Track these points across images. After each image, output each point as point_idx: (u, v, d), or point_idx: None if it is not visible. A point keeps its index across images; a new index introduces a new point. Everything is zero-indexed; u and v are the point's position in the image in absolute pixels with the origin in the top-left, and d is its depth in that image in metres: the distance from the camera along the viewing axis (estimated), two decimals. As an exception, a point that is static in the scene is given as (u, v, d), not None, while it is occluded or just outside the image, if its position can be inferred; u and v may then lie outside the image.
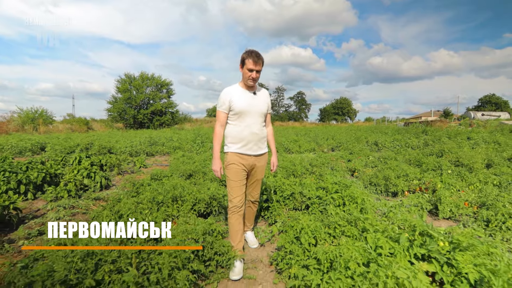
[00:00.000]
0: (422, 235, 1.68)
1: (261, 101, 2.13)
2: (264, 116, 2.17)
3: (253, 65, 1.96)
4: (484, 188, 3.22)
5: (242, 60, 2.00)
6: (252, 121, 2.07)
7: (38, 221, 3.15)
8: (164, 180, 3.89)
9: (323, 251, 1.62)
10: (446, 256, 1.51)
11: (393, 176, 3.80)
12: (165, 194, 3.00)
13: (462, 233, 1.61)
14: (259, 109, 2.10)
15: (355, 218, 2.06)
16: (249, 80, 2.01)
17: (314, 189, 2.89)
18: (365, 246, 1.61)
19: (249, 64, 1.96)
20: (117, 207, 2.74)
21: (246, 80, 2.02)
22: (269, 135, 2.30)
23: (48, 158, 6.72)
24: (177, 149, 9.51)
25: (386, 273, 1.27)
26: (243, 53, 2.02)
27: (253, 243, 2.44)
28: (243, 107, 2.04)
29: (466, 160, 4.78)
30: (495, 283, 1.32)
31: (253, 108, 2.07)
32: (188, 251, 1.65)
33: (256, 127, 2.09)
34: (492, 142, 8.26)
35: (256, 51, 2.00)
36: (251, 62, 1.95)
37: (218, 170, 2.06)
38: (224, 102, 2.06)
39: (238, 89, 2.09)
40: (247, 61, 1.97)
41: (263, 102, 2.14)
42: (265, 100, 2.18)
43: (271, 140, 2.33)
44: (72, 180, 4.22)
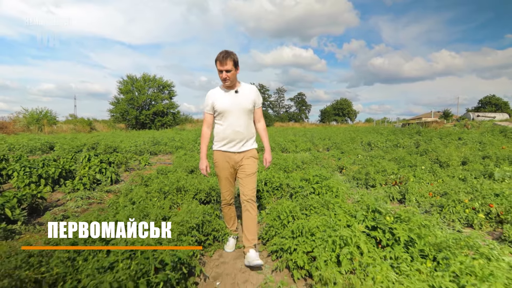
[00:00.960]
0: (374, 212, 2.15)
1: (244, 98, 2.12)
2: (249, 113, 2.15)
3: (220, 65, 1.99)
4: (448, 181, 3.68)
5: (215, 63, 2.03)
6: (235, 120, 2.09)
7: (61, 208, 3.63)
8: (169, 174, 4.37)
9: (296, 224, 2.09)
10: (389, 226, 1.97)
11: (372, 172, 4.26)
12: (170, 186, 3.47)
13: (404, 210, 2.07)
14: (242, 107, 2.10)
15: (327, 201, 2.53)
16: (224, 81, 2.05)
17: (299, 180, 3.37)
18: (328, 219, 2.08)
19: (217, 65, 2.00)
20: (130, 195, 3.22)
21: (222, 81, 2.07)
22: (261, 131, 2.27)
23: (59, 156, 7.21)
24: (179, 148, 9.99)
25: (336, 234, 1.74)
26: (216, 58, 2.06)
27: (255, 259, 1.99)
28: (224, 107, 2.08)
29: (443, 158, 5.24)
30: (418, 243, 1.79)
31: (236, 107, 2.08)
32: (192, 222, 2.13)
33: (240, 125, 2.10)
34: (478, 142, 8.69)
35: (224, 52, 2.00)
36: (218, 63, 1.99)
37: (204, 168, 2.17)
38: (207, 104, 2.15)
39: (220, 90, 2.14)
40: (216, 64, 2.01)
41: (246, 99, 2.12)
42: (250, 96, 2.14)
43: (264, 136, 2.28)
44: (86, 175, 4.71)
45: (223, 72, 2.00)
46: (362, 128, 26.05)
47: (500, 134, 12.39)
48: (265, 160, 2.24)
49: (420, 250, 1.74)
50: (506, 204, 2.58)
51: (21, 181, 4.31)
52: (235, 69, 2.03)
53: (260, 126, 2.27)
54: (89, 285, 1.25)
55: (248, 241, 2.14)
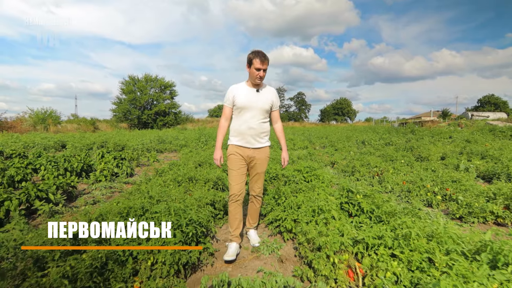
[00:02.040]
0: (347, 192, 2.75)
1: (264, 98, 2.23)
2: (265, 112, 2.26)
3: (260, 64, 2.09)
4: (422, 172, 4.28)
5: (249, 60, 2.13)
6: (251, 116, 2.19)
7: (89, 195, 4.23)
8: (179, 167, 4.97)
9: (287, 201, 2.69)
10: (358, 201, 2.58)
11: (358, 165, 4.87)
12: (183, 176, 4.07)
13: (370, 189, 2.67)
14: (260, 106, 2.20)
15: (314, 185, 3.14)
16: (256, 79, 2.14)
17: (292, 171, 3.97)
18: (311, 196, 2.68)
19: (256, 63, 2.09)
20: (150, 183, 3.82)
21: (253, 78, 2.15)
22: (278, 132, 2.43)
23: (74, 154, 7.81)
24: (184, 146, 10.59)
25: (315, 205, 2.35)
26: (250, 53, 2.15)
27: (255, 241, 2.40)
28: (243, 103, 2.17)
29: (424, 154, 5.84)
30: (376, 211, 2.40)
31: (254, 104, 2.18)
32: (207, 199, 2.73)
33: (255, 122, 2.21)
34: (464, 141, 9.28)
35: (262, 51, 2.14)
36: (258, 61, 2.09)
37: (218, 158, 2.23)
38: (228, 98, 2.23)
39: (243, 87, 2.23)
40: (254, 61, 2.10)
41: (266, 99, 2.23)
42: (269, 97, 2.26)
43: (281, 137, 2.42)
44: (106, 168, 5.31)
45: (260, 71, 2.11)
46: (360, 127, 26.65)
47: (489, 132, 12.97)
48: (283, 159, 2.39)
49: (377, 216, 2.35)
50: (458, 188, 3.18)
51: (50, 173, 4.91)
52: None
53: (278, 127, 2.44)
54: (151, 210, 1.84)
55: (249, 224, 2.50)
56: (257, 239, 2.44)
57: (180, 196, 3.13)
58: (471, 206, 2.69)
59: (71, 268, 1.45)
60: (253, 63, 2.11)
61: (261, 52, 2.14)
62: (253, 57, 2.11)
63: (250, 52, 2.16)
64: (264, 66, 2.11)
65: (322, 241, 1.81)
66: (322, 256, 1.78)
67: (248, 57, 2.15)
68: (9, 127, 19.18)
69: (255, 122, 2.21)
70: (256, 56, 2.10)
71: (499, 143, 8.67)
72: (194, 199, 2.66)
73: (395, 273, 1.63)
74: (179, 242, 1.83)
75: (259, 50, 2.15)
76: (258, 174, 2.33)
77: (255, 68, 2.11)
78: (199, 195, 2.83)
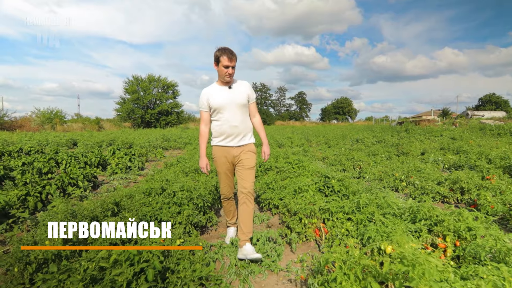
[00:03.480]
0: (325, 177, 3.39)
1: (238, 93, 2.15)
2: (244, 107, 2.18)
3: (228, 61, 2.02)
4: (398, 164, 4.90)
5: (217, 58, 2.06)
6: (230, 115, 2.13)
7: (109, 184, 4.89)
8: (186, 161, 5.63)
9: (276, 185, 3.34)
10: (332, 185, 3.22)
11: (343, 159, 5.50)
12: (190, 167, 4.72)
13: (342, 175, 3.31)
14: (237, 102, 2.13)
15: (299, 173, 3.78)
16: (225, 77, 2.08)
17: (283, 163, 4.61)
18: (295, 180, 3.32)
19: (224, 61, 2.02)
20: (163, 173, 4.47)
21: (223, 77, 2.09)
22: (257, 125, 2.31)
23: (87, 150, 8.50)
24: (187, 144, 11.25)
25: (296, 186, 2.99)
26: (216, 51, 2.07)
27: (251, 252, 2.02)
28: (219, 103, 2.10)
29: (406, 149, 6.46)
30: (344, 191, 3.04)
31: (230, 102, 2.12)
32: (212, 184, 3.37)
33: (236, 120, 2.14)
34: (451, 138, 9.87)
35: (229, 48, 2.06)
36: (226, 59, 2.02)
37: (204, 166, 2.22)
38: (203, 102, 2.16)
39: (214, 87, 2.17)
40: (221, 59, 2.03)
41: (241, 94, 2.16)
42: (243, 91, 2.19)
43: (261, 130, 2.32)
44: (120, 162, 5.98)
45: (229, 68, 2.05)
46: (358, 127, 27.26)
47: (480, 131, 13.54)
48: (263, 153, 2.30)
49: (345, 194, 2.98)
50: (419, 176, 3.81)
51: (73, 166, 5.58)
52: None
53: (256, 121, 2.31)
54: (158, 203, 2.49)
55: (243, 234, 2.13)
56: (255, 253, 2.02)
57: (190, 183, 3.78)
58: (424, 188, 3.32)
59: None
60: (221, 60, 2.04)
61: (228, 48, 2.06)
62: (220, 54, 2.04)
63: (217, 50, 2.08)
64: (232, 63, 2.05)
65: (297, 208, 2.46)
66: (296, 219, 2.43)
67: (215, 55, 2.07)
68: (18, 126, 19.94)
69: (237, 120, 2.15)
70: (223, 53, 2.03)
71: (483, 140, 9.25)
72: (201, 182, 3.31)
73: (348, 229, 2.27)
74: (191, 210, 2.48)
75: (225, 47, 2.07)
76: (246, 170, 2.19)
77: (223, 65, 2.05)
78: (205, 180, 3.48)
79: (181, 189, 2.74)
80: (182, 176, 4.50)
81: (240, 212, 2.21)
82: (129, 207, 2.41)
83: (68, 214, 2.12)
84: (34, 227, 2.61)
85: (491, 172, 3.57)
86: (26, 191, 3.31)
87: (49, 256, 1.65)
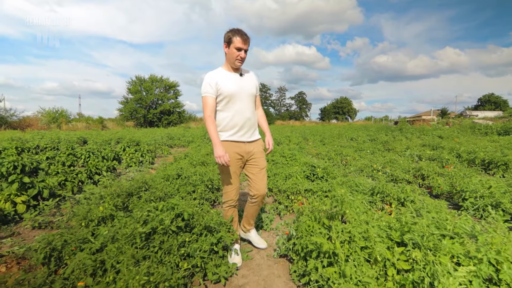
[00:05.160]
0: (311, 166, 4.07)
1: (250, 83, 1.98)
2: (254, 98, 2.02)
3: (242, 43, 1.80)
4: (380, 158, 5.59)
5: (228, 39, 1.83)
6: (243, 105, 1.92)
7: (126, 175, 5.59)
8: (193, 155, 6.32)
9: (271, 173, 4.03)
10: (317, 172, 3.90)
11: (333, 155, 6.19)
12: (196, 161, 5.41)
13: (327, 164, 3.99)
14: (249, 91, 1.95)
15: (291, 164, 4.47)
16: (236, 61, 1.85)
17: (279, 156, 5.30)
18: (286, 169, 4.01)
19: (238, 42, 1.80)
20: (174, 165, 5.16)
21: (233, 60, 1.86)
22: (261, 118, 2.17)
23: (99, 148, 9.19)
24: (191, 142, 11.95)
25: (286, 172, 3.68)
26: (228, 32, 1.85)
27: (260, 243, 2.21)
28: (232, 91, 1.87)
29: (391, 146, 7.15)
30: (326, 176, 3.73)
31: (242, 91, 1.91)
32: (217, 172, 4.07)
33: (248, 111, 1.95)
34: (438, 137, 10.54)
35: (243, 31, 1.83)
36: (240, 40, 1.80)
37: (222, 155, 1.79)
38: (211, 86, 1.85)
39: (223, 72, 1.91)
40: (235, 39, 1.80)
41: (252, 84, 1.99)
42: (254, 81, 2.02)
43: (264, 122, 2.18)
44: (134, 157, 6.67)
45: (242, 51, 1.83)
46: (356, 126, 27.94)
47: (469, 130, 14.21)
48: (267, 142, 2.13)
49: (326, 179, 3.67)
50: (393, 166, 4.50)
51: (92, 160, 6.27)
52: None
53: (260, 113, 2.18)
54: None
55: (249, 225, 2.24)
56: (261, 240, 2.26)
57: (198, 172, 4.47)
58: (394, 176, 4.00)
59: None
60: (233, 41, 1.81)
61: (242, 30, 1.83)
62: (232, 34, 1.82)
63: (229, 30, 1.85)
64: (245, 46, 1.83)
65: (285, 187, 3.15)
66: (284, 196, 3.12)
67: (227, 36, 1.85)
68: (27, 125, 20.67)
69: (249, 111, 1.95)
70: (237, 34, 1.81)
71: (470, 138, 9.91)
72: (209, 170, 4.00)
73: (325, 203, 2.96)
74: (203, 188, 3.17)
75: (239, 29, 1.84)
76: (262, 170, 2.05)
77: (236, 47, 1.81)
78: (212, 169, 4.17)
79: (194, 173, 3.44)
80: (191, 167, 5.19)
81: (250, 211, 2.16)
82: (156, 186, 3.10)
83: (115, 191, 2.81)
84: (76, 204, 3.31)
85: (449, 163, 4.25)
86: (64, 177, 4.00)
87: (107, 214, 2.34)
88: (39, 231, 2.75)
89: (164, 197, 2.91)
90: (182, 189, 3.14)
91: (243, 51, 1.84)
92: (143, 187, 2.99)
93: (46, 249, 1.84)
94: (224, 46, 1.89)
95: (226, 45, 1.87)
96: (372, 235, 1.48)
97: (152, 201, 2.70)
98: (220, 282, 1.75)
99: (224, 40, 1.88)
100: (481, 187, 2.75)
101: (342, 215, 1.81)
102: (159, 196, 2.82)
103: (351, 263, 1.39)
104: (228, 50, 1.87)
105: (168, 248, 1.66)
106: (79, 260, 1.56)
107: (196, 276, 1.65)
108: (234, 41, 1.81)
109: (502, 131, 12.78)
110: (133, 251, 1.52)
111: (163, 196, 2.89)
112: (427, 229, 1.49)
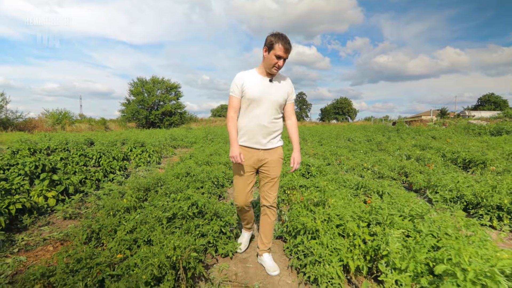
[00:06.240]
0: (307, 165, 4.52)
1: (278, 90, 1.90)
2: (279, 107, 1.92)
3: (283, 52, 1.75)
4: (372, 158, 6.03)
5: (270, 44, 1.75)
6: (262, 112, 1.86)
7: (136, 174, 6.04)
8: (198, 155, 6.78)
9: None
10: (311, 171, 4.35)
11: (328, 154, 6.64)
12: (201, 160, 5.86)
13: (320, 163, 4.44)
14: (274, 99, 1.88)
15: (288, 163, 4.92)
16: (273, 68, 1.81)
17: (277, 156, 5.76)
18: (284, 168, 4.46)
19: (279, 50, 1.74)
20: (182, 164, 5.62)
21: (270, 67, 1.81)
22: (290, 128, 2.03)
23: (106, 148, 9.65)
24: (194, 143, 12.40)
25: (284, 170, 4.13)
26: (271, 36, 1.77)
27: (273, 269, 2.00)
28: (254, 94, 1.83)
29: (384, 147, 7.59)
30: (319, 174, 4.18)
31: (266, 97, 1.86)
32: (220, 171, 4.51)
33: (266, 119, 1.87)
34: (431, 137, 10.97)
35: (287, 37, 1.77)
36: (282, 48, 1.74)
37: (237, 155, 1.81)
38: (237, 87, 1.86)
39: (253, 74, 1.89)
40: (277, 46, 1.74)
41: (280, 91, 1.91)
42: (285, 89, 1.94)
43: (294, 134, 2.02)
44: (142, 157, 7.13)
45: (281, 59, 1.78)
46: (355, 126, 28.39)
47: (464, 130, 14.64)
48: (292, 159, 1.97)
49: (319, 176, 4.12)
50: (381, 165, 4.94)
51: (103, 160, 6.73)
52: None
53: (291, 123, 2.04)
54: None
55: (263, 245, 2.08)
56: (275, 266, 2.02)
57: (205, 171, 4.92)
58: (380, 173, 4.45)
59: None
60: (275, 48, 1.75)
61: (286, 37, 1.77)
62: (275, 41, 1.74)
63: (271, 34, 1.78)
64: (286, 55, 1.78)
65: (282, 183, 3.60)
66: (281, 190, 3.57)
67: (269, 40, 1.77)
68: (33, 127, 21.16)
69: (267, 119, 1.88)
70: (280, 40, 1.74)
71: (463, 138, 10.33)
72: (214, 169, 4.45)
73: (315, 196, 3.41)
74: (210, 184, 3.62)
75: (283, 34, 1.77)
76: (272, 180, 1.99)
77: (276, 55, 1.76)
78: (217, 168, 4.62)
79: (201, 172, 3.89)
80: (197, 167, 5.64)
81: (261, 223, 2.09)
82: (169, 183, 3.55)
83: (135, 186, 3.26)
84: (97, 199, 3.76)
85: (431, 162, 4.69)
86: (84, 175, 4.46)
87: (131, 205, 2.80)
88: (69, 221, 3.20)
89: (176, 191, 3.36)
90: (192, 185, 3.59)
91: (282, 59, 1.79)
92: (158, 183, 3.44)
93: (87, 231, 2.29)
94: (263, 50, 1.82)
95: (267, 49, 1.80)
96: (346, 216, 1.92)
97: (167, 195, 3.15)
98: (228, 256, 2.20)
99: (265, 43, 1.81)
100: (450, 182, 3.20)
101: (324, 202, 2.25)
102: (172, 191, 3.27)
103: (329, 236, 1.83)
104: (267, 55, 1.80)
105: (187, 228, 2.11)
106: (118, 237, 2.01)
107: (210, 250, 2.10)
108: (275, 48, 1.75)
109: (495, 131, 13.19)
110: (161, 228, 1.97)
111: (176, 191, 3.34)
112: (388, 211, 1.94)
